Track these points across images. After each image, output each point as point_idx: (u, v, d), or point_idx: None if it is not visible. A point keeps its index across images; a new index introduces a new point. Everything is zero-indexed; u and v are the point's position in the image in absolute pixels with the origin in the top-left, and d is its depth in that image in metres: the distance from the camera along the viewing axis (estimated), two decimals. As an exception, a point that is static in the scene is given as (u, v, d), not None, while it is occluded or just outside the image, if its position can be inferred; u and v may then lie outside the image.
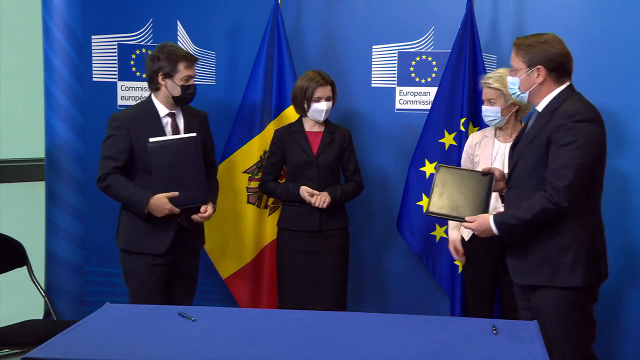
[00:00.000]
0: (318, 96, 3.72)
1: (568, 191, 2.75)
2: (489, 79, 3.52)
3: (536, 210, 2.79)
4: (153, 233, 3.42)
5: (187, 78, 3.44)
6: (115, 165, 3.38)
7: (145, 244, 3.43)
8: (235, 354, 2.37)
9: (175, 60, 3.42)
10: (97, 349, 2.37)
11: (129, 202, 3.41)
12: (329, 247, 3.77)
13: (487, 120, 3.55)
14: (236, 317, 2.81)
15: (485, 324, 2.64)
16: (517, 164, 2.94)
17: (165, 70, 3.42)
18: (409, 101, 4.18)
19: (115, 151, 3.40)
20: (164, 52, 3.44)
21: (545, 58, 2.86)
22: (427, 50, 4.12)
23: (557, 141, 2.78)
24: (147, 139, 3.34)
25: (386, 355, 2.35)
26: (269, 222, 4.10)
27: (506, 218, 2.88)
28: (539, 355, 2.33)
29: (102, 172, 3.40)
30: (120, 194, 3.41)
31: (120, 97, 4.13)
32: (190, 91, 3.47)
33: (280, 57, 4.07)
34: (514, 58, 2.95)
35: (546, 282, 2.86)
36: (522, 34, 3.91)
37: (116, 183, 3.39)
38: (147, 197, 3.33)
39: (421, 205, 3.99)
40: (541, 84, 2.89)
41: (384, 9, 4.15)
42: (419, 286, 4.22)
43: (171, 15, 4.18)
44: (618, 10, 3.79)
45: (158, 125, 3.45)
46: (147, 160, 3.35)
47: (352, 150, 3.87)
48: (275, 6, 4.05)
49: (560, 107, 2.83)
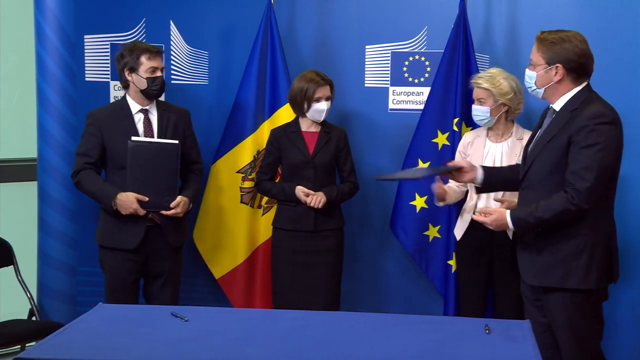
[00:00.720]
0: (318, 96, 3.72)
1: (589, 193, 2.74)
2: (479, 78, 3.53)
3: (556, 210, 2.77)
4: (125, 229, 3.50)
5: (152, 70, 3.50)
6: (87, 161, 3.51)
7: (117, 239, 3.53)
8: (229, 354, 2.37)
9: (137, 54, 3.51)
10: (90, 349, 2.36)
11: (97, 197, 3.52)
12: (324, 248, 3.77)
13: (476, 120, 3.57)
14: (230, 317, 2.81)
15: (478, 324, 2.64)
16: (532, 164, 2.90)
17: (130, 65, 3.51)
18: (402, 101, 4.18)
19: (87, 148, 3.53)
20: (127, 48, 3.56)
21: (565, 57, 2.83)
22: (420, 51, 4.13)
23: (579, 142, 2.76)
24: (118, 136, 3.48)
25: (380, 355, 2.36)
26: (263, 222, 4.10)
27: (524, 215, 2.84)
28: (532, 355, 2.33)
29: (75, 168, 3.54)
30: (90, 189, 3.52)
31: (113, 96, 4.12)
32: (156, 83, 3.51)
33: (274, 57, 4.06)
34: (534, 52, 2.91)
35: (558, 283, 2.84)
36: (515, 34, 3.97)
37: (86, 179, 3.51)
38: (115, 193, 3.43)
39: (414, 205, 4.00)
40: (558, 83, 2.86)
41: (377, 9, 4.16)
42: (414, 286, 4.22)
43: (164, 15, 4.18)
44: (612, 10, 3.80)
45: (130, 122, 3.53)
46: (121, 157, 3.45)
47: (348, 151, 3.87)
48: (268, 6, 4.04)
49: (581, 108, 2.81)
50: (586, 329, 2.89)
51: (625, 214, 3.76)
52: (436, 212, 3.94)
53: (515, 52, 3.97)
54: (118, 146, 3.49)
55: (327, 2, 4.21)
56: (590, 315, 2.90)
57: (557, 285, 2.84)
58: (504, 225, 2.88)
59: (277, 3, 4.11)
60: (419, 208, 3.99)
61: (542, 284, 2.88)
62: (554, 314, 2.88)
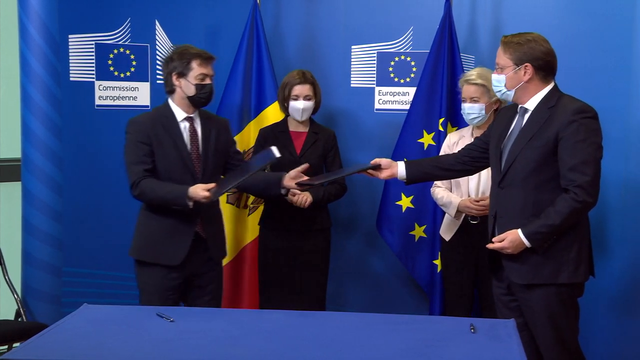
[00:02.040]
0: (295, 94, 3.72)
1: (592, 187, 2.78)
2: (472, 75, 3.53)
3: (565, 214, 2.78)
4: (169, 242, 3.26)
5: (201, 77, 3.26)
6: (145, 168, 3.21)
7: (160, 253, 3.26)
8: (215, 354, 2.36)
9: (188, 59, 3.27)
10: (75, 350, 2.35)
11: (168, 200, 3.20)
12: (311, 248, 3.77)
13: (470, 119, 3.55)
14: (216, 317, 2.80)
15: (463, 323, 2.65)
16: (513, 163, 2.90)
17: (179, 70, 3.27)
18: (388, 101, 4.20)
19: (140, 155, 3.23)
20: (177, 52, 3.32)
21: (532, 56, 2.88)
22: (405, 51, 4.14)
23: (570, 138, 2.78)
24: (166, 144, 3.24)
25: (365, 355, 2.36)
26: (249, 222, 4.10)
27: (536, 228, 2.82)
28: (516, 354, 2.34)
29: (134, 178, 3.21)
30: (157, 195, 3.21)
31: (98, 96, 4.10)
32: (205, 91, 3.28)
33: (260, 57, 4.06)
34: (500, 55, 2.95)
35: (549, 279, 2.86)
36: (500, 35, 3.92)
37: (150, 186, 3.20)
38: (185, 188, 3.14)
39: (400, 205, 4.01)
40: (528, 82, 2.89)
41: (363, 10, 4.17)
42: (401, 286, 4.24)
43: (149, 15, 4.17)
44: (595, 11, 3.83)
45: (176, 130, 3.28)
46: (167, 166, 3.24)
47: (337, 151, 3.87)
48: (254, 6, 4.04)
49: (559, 104, 2.86)
50: (566, 323, 2.92)
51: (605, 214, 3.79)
52: (422, 212, 3.95)
53: (500, 53, 3.99)
54: (165, 155, 3.25)
55: (313, 2, 4.22)
56: (571, 309, 2.93)
57: (548, 281, 2.86)
58: (520, 244, 2.85)
59: (263, 3, 4.11)
60: (405, 208, 4.01)
61: (532, 282, 2.89)
62: (536, 310, 2.90)
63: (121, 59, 4.14)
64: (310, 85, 3.75)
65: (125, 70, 4.16)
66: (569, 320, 2.93)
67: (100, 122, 4.12)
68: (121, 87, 4.15)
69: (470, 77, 3.53)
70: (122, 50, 4.14)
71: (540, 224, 2.82)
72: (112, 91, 4.15)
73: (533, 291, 2.89)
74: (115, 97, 4.14)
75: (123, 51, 4.14)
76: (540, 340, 2.93)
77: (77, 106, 4.07)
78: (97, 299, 3.86)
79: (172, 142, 3.26)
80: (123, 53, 4.14)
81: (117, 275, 4.13)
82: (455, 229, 3.60)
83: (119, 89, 4.14)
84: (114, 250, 4.02)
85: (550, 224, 2.80)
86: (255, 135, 4.01)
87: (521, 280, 2.91)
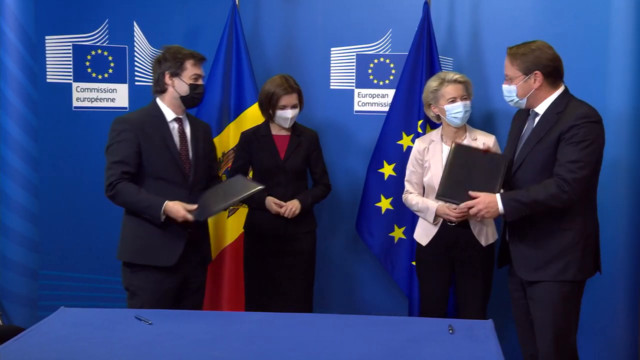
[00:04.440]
0: (283, 104, 3.68)
1: (578, 184, 2.87)
2: (456, 75, 3.53)
3: (548, 193, 2.88)
4: (162, 243, 3.20)
5: (195, 77, 3.29)
6: (124, 169, 3.15)
7: (154, 255, 3.20)
8: (194, 357, 2.35)
9: (182, 59, 3.29)
10: (52, 354, 2.33)
11: (141, 208, 3.16)
12: (296, 251, 3.75)
13: (460, 117, 3.51)
14: (195, 319, 2.79)
15: (441, 324, 2.67)
16: (522, 165, 3.02)
17: (172, 70, 3.27)
18: (368, 103, 4.20)
19: (124, 155, 3.17)
20: (170, 52, 3.32)
21: (540, 64, 2.99)
22: (384, 53, 4.15)
23: (568, 139, 2.90)
24: (155, 144, 3.20)
25: (344, 356, 2.36)
26: (228, 224, 4.09)
27: (515, 195, 2.94)
28: (494, 354, 2.36)
29: (111, 178, 3.15)
30: (130, 200, 3.16)
31: (76, 98, 4.08)
32: (198, 91, 3.30)
33: (239, 59, 4.05)
34: (508, 67, 3.06)
35: (555, 277, 2.96)
36: (478, 37, 4.02)
37: (126, 190, 3.14)
38: (162, 201, 3.12)
39: (380, 207, 4.02)
40: (538, 89, 3.01)
41: (342, 12, 4.18)
42: (380, 287, 4.24)
43: (127, 16, 4.14)
44: (574, 13, 3.87)
45: (165, 130, 3.25)
46: (157, 167, 3.20)
47: (320, 153, 3.86)
48: (233, 8, 4.03)
49: (567, 109, 2.96)
50: (572, 318, 3.03)
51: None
52: (401, 213, 3.97)
53: (478, 55, 4.03)
54: (155, 155, 3.21)
55: (292, 4, 4.22)
56: (573, 307, 3.03)
57: (554, 279, 2.96)
58: (494, 209, 2.94)
59: (242, 5, 4.10)
60: (384, 209, 4.02)
61: (539, 279, 2.98)
62: (539, 306, 2.99)
63: (99, 61, 4.11)
64: (296, 94, 3.72)
65: (103, 72, 4.13)
66: (570, 317, 3.03)
67: (78, 124, 4.09)
68: (99, 89, 4.13)
69: (456, 76, 3.54)
70: (100, 52, 4.11)
71: (520, 193, 2.93)
72: (90, 93, 4.12)
73: (539, 287, 2.99)
74: (93, 99, 4.11)
75: (101, 52, 4.11)
76: (540, 335, 3.01)
77: (54, 108, 4.04)
78: (74, 302, 3.84)
79: (163, 142, 3.23)
80: (101, 54, 4.12)
81: (94, 278, 4.10)
82: (433, 233, 3.60)
83: (96, 90, 4.12)
84: (91, 252, 4.00)
85: (531, 196, 2.90)
86: (234, 136, 4.01)
87: (528, 277, 3.02)
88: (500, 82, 3.98)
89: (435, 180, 3.54)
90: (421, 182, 3.66)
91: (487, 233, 3.56)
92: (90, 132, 4.02)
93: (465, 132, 3.61)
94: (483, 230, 3.54)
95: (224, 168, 4.03)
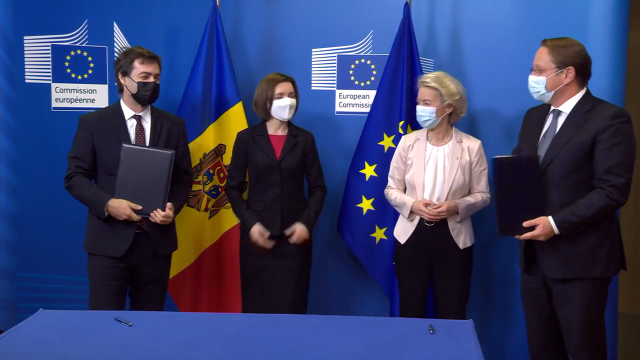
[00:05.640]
0: (280, 92, 3.70)
1: (626, 188, 2.96)
2: (427, 78, 3.58)
3: (598, 207, 2.94)
4: (113, 236, 3.44)
5: (144, 75, 3.46)
6: (78, 164, 3.45)
7: (104, 246, 3.45)
8: (174, 359, 2.34)
9: (131, 58, 3.47)
10: (30, 356, 2.32)
11: (89, 203, 3.46)
12: (291, 251, 3.74)
13: (421, 121, 3.61)
14: (175, 321, 2.79)
15: (422, 324, 2.68)
16: (550, 164, 3.05)
17: (123, 69, 3.47)
18: (349, 104, 4.21)
19: (78, 152, 3.45)
20: (123, 52, 3.53)
21: (575, 61, 3.03)
22: (365, 54, 4.16)
23: (606, 141, 2.95)
24: (109, 141, 3.42)
25: (325, 357, 2.37)
26: (209, 225, 4.07)
27: (567, 216, 2.98)
28: (474, 353, 2.38)
29: (67, 172, 3.47)
30: (81, 194, 3.45)
31: (55, 99, 4.05)
32: (147, 88, 3.46)
33: (220, 59, 4.04)
34: (542, 57, 3.07)
35: (583, 274, 3.02)
36: (459, 38, 4.04)
37: (78, 184, 3.44)
38: (107, 199, 3.38)
39: (361, 208, 4.03)
40: (567, 85, 3.05)
41: (323, 13, 4.18)
42: (362, 288, 4.25)
43: (107, 16, 4.11)
44: (553, 15, 3.90)
45: (122, 128, 3.47)
46: (111, 163, 3.40)
47: (316, 154, 3.86)
48: (213, 8, 4.02)
49: (596, 109, 3.01)
50: (598, 315, 3.10)
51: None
52: (382, 214, 3.98)
53: (458, 56, 4.05)
54: (108, 152, 3.43)
55: (273, 5, 4.21)
56: (602, 302, 3.11)
57: (582, 276, 3.02)
58: (551, 234, 3.00)
59: (223, 5, 4.09)
60: (366, 210, 4.02)
61: (567, 276, 3.03)
62: (571, 302, 3.04)
63: (78, 61, 4.09)
64: (291, 84, 3.76)
65: (82, 72, 4.11)
66: (600, 313, 3.11)
67: (57, 125, 4.06)
68: (78, 89, 4.10)
69: (426, 80, 3.57)
70: (80, 52, 4.08)
71: (570, 212, 2.98)
72: (69, 93, 4.09)
73: (569, 284, 3.04)
74: (73, 100, 4.08)
75: (80, 53, 4.08)
76: (571, 330, 3.07)
77: (32, 108, 4.01)
78: (54, 304, 3.81)
79: (117, 140, 3.42)
80: (80, 55, 4.09)
81: (74, 279, 4.07)
82: (410, 231, 3.62)
83: (76, 91, 4.09)
84: (70, 254, 3.97)
85: (580, 215, 2.96)
86: (215, 137, 4.01)
87: (556, 275, 3.06)
88: (480, 82, 4.04)
89: (415, 179, 3.58)
90: (403, 178, 3.68)
91: (465, 236, 3.59)
92: (69, 133, 3.95)
93: (451, 134, 3.63)
94: (462, 232, 3.57)
95: (205, 169, 4.02)
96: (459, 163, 3.55)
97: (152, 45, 4.15)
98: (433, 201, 3.55)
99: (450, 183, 3.55)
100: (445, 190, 3.55)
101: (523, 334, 3.43)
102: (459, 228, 3.56)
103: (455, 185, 3.55)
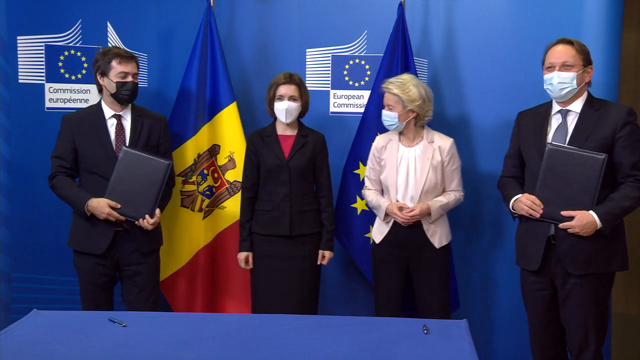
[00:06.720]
0: (280, 94, 3.70)
1: None
2: (390, 84, 3.59)
3: (635, 197, 3.02)
4: (94, 233, 3.50)
5: (122, 75, 3.51)
6: (60, 164, 3.52)
7: (87, 243, 3.52)
8: (168, 359, 2.34)
9: (109, 58, 3.52)
10: (24, 357, 2.31)
11: (70, 202, 3.52)
12: (301, 253, 3.74)
13: (385, 125, 3.65)
14: (169, 322, 2.78)
15: (416, 324, 2.68)
16: None
17: (101, 69, 3.53)
18: (343, 104, 4.21)
19: (60, 151, 3.53)
20: (101, 52, 3.58)
21: (591, 60, 3.15)
22: (360, 54, 4.16)
23: (628, 137, 3.04)
24: (90, 140, 3.49)
25: (319, 356, 2.36)
26: (203, 226, 4.07)
27: (609, 209, 3.03)
28: (468, 353, 2.38)
29: (51, 171, 3.55)
30: (63, 193, 3.52)
31: (48, 99, 4.04)
32: (126, 88, 3.51)
33: (214, 59, 4.04)
34: (571, 54, 3.13)
35: (602, 269, 3.08)
36: (453, 39, 4.05)
37: (60, 184, 3.51)
38: (87, 198, 3.44)
39: (356, 208, 4.03)
40: (587, 83, 3.15)
41: (317, 13, 4.18)
42: (358, 288, 4.25)
43: (101, 16, 4.11)
44: (544, 17, 3.91)
45: (102, 127, 3.53)
46: (92, 161, 3.47)
47: (325, 156, 3.84)
48: (208, 8, 4.02)
49: (605, 107, 3.10)
50: (607, 312, 3.16)
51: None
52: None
53: (452, 56, 4.05)
54: (89, 150, 3.51)
55: (268, 5, 4.22)
56: (609, 296, 3.18)
57: (602, 271, 3.07)
58: (592, 224, 3.02)
59: (217, 5, 4.09)
60: (360, 210, 4.03)
61: (588, 271, 3.06)
62: (585, 297, 3.08)
63: (72, 61, 4.08)
64: (296, 86, 3.73)
65: (76, 73, 4.10)
66: (608, 308, 3.17)
67: (51, 125, 4.02)
68: (72, 90, 4.09)
69: (389, 86, 3.58)
70: (73, 52, 4.08)
71: (612, 205, 3.02)
72: (63, 93, 4.08)
73: (586, 280, 3.07)
74: (66, 100, 4.07)
75: (74, 53, 4.07)
76: (578, 326, 3.11)
77: (26, 109, 4.00)
78: (47, 305, 3.81)
79: (97, 139, 3.50)
80: (74, 55, 4.08)
81: (67, 280, 4.06)
82: (385, 231, 3.64)
83: (70, 91, 4.08)
84: (63, 255, 3.95)
85: (622, 206, 3.02)
86: (209, 138, 4.01)
87: (579, 271, 3.08)
88: (473, 82, 4.04)
89: (389, 180, 3.60)
90: (379, 179, 3.69)
91: (441, 235, 3.60)
92: (63, 133, 3.98)
93: (422, 134, 3.65)
94: (437, 232, 3.59)
95: (199, 169, 4.02)
96: (430, 163, 3.56)
97: (146, 46, 4.18)
98: (406, 202, 3.57)
99: (422, 184, 3.56)
100: (417, 191, 3.57)
101: (523, 334, 3.43)
102: (434, 228, 3.58)
103: (427, 186, 3.57)
